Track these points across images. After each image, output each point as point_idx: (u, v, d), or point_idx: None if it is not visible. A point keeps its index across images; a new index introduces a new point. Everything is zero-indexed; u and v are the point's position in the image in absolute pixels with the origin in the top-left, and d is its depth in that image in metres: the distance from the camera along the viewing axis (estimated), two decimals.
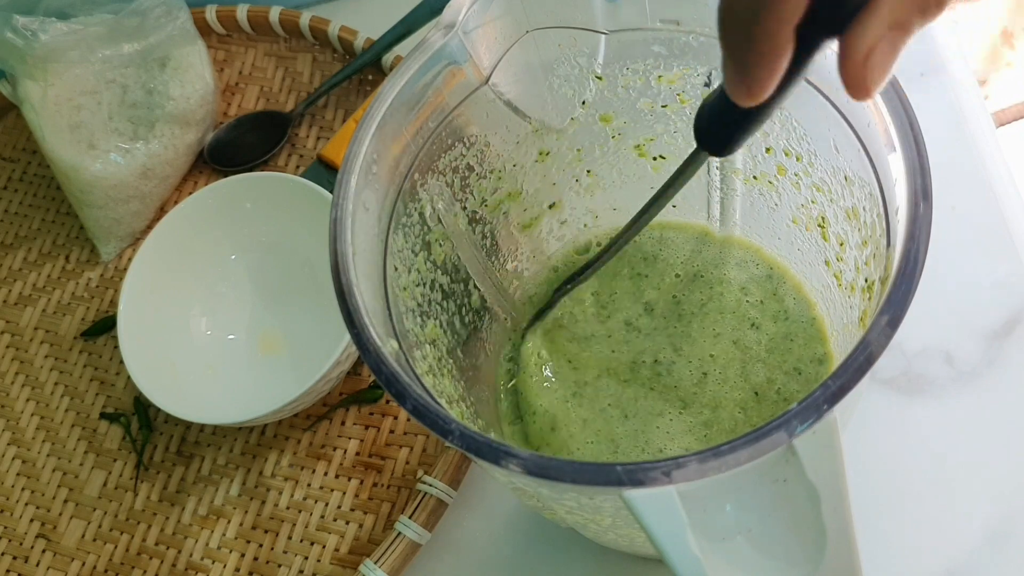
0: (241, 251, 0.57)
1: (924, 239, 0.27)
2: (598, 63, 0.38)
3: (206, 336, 0.56)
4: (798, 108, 0.35)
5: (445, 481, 0.48)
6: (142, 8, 0.58)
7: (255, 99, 0.65)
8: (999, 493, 0.45)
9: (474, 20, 0.34)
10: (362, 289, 0.31)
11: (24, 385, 0.59)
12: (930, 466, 0.46)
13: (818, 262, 0.40)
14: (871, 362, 0.26)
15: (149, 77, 0.59)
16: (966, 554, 0.44)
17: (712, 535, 0.26)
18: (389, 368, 0.29)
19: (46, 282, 0.62)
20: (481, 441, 0.27)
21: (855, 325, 0.35)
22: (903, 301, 0.26)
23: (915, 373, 0.48)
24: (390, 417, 0.53)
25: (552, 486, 0.28)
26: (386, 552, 0.47)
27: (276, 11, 0.64)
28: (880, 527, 0.45)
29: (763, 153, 0.39)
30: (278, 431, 0.54)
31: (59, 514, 0.55)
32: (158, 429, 0.55)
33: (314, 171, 0.60)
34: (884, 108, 0.29)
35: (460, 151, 0.38)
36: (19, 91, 0.59)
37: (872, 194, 0.32)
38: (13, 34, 0.56)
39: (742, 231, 0.44)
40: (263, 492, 0.53)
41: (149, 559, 0.52)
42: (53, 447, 0.57)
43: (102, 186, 0.58)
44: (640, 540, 0.36)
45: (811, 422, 0.25)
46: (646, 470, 0.25)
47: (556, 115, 0.40)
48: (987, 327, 0.49)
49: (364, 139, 0.33)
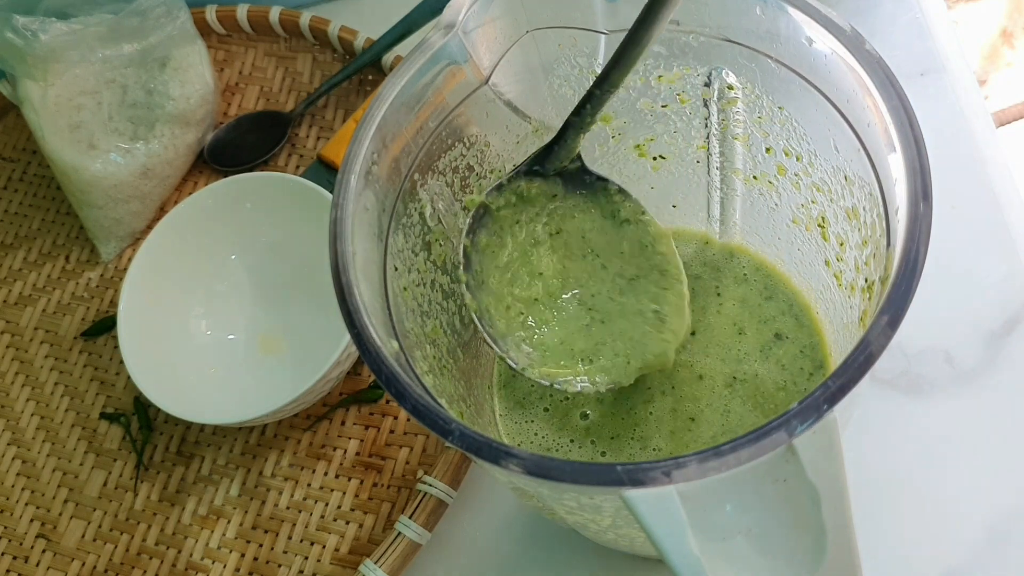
0: (241, 251, 0.57)
1: (924, 239, 0.27)
2: (598, 63, 0.38)
3: (206, 336, 0.56)
4: (798, 108, 0.35)
5: (445, 481, 0.48)
6: (142, 8, 0.58)
7: (255, 99, 0.65)
8: (999, 493, 0.45)
9: (474, 20, 0.34)
10: (362, 289, 0.31)
11: (24, 385, 0.59)
12: (930, 466, 0.46)
13: (818, 262, 0.40)
14: (871, 362, 0.26)
15: (149, 77, 0.59)
16: (966, 554, 0.44)
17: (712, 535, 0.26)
18: (389, 368, 0.29)
19: (46, 282, 0.62)
20: (481, 441, 0.27)
21: (855, 325, 0.35)
22: (903, 301, 0.26)
23: (915, 373, 0.48)
24: (390, 417, 0.53)
25: (552, 486, 0.27)
26: (386, 552, 0.47)
27: (276, 11, 0.64)
28: (880, 527, 0.45)
29: (763, 153, 0.39)
30: (278, 431, 0.54)
31: (59, 514, 0.55)
32: (158, 429, 0.56)
33: (314, 171, 0.60)
34: (884, 108, 0.29)
35: (460, 151, 0.38)
36: (19, 91, 0.59)
37: (872, 194, 0.32)
38: (13, 34, 0.56)
39: (742, 231, 0.44)
40: (263, 492, 0.53)
41: (149, 559, 0.52)
42: (53, 447, 0.57)
43: (102, 186, 0.58)
44: (640, 540, 0.36)
45: (811, 422, 0.25)
46: (646, 470, 0.25)
47: (556, 115, 0.40)
48: (987, 327, 0.49)
49: (364, 139, 0.33)
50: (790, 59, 0.33)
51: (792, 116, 0.36)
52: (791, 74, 0.33)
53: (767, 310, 0.42)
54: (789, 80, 0.34)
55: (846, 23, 0.31)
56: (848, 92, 0.31)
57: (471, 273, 0.38)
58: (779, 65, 0.34)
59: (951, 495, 0.45)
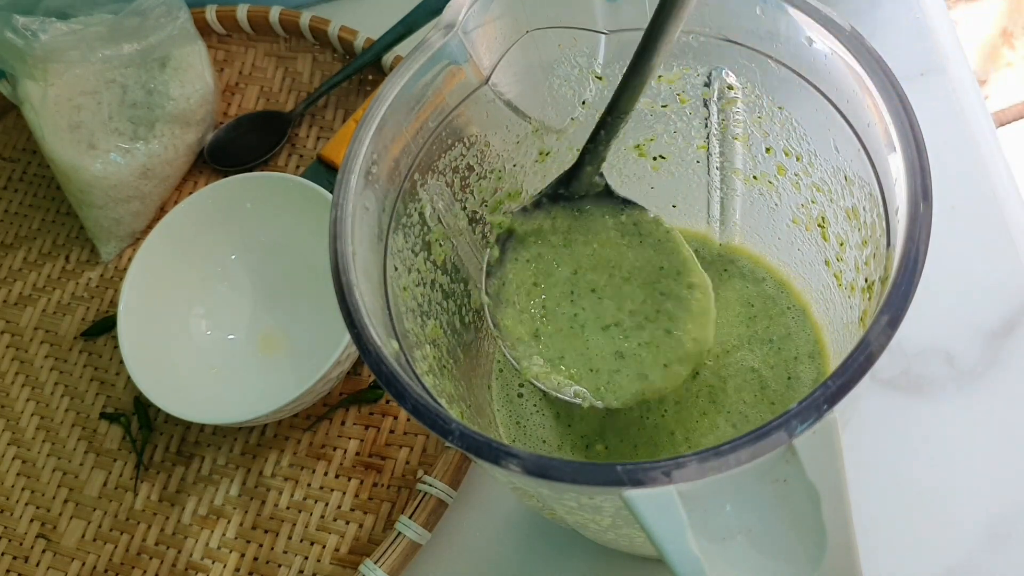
0: (241, 251, 0.57)
1: (924, 239, 0.27)
2: (598, 63, 0.38)
3: (206, 336, 0.56)
4: (798, 108, 0.35)
5: (445, 481, 0.48)
6: (142, 8, 0.58)
7: (255, 99, 0.65)
8: (999, 493, 0.45)
9: (474, 20, 0.34)
10: (362, 289, 0.31)
11: (24, 385, 0.59)
12: (930, 466, 0.46)
13: (818, 262, 0.40)
14: (871, 362, 0.26)
15: (149, 77, 0.59)
16: (966, 554, 0.44)
17: (712, 535, 0.26)
18: (389, 368, 0.29)
19: (46, 282, 0.62)
20: (481, 441, 0.27)
21: (855, 325, 0.35)
22: (903, 301, 0.26)
23: (915, 373, 0.48)
24: (390, 417, 0.53)
25: (552, 486, 0.27)
26: (386, 552, 0.47)
27: (276, 11, 0.64)
28: (880, 527, 0.45)
29: (763, 153, 0.39)
30: (278, 431, 0.54)
31: (59, 514, 0.55)
32: (158, 429, 0.56)
33: (314, 171, 0.60)
34: (884, 108, 0.29)
35: (460, 151, 0.38)
36: (19, 91, 0.59)
37: (872, 194, 0.32)
38: (13, 34, 0.56)
39: (742, 231, 0.44)
40: (263, 492, 0.53)
41: (149, 559, 0.52)
42: (53, 447, 0.57)
43: (102, 186, 0.58)
44: (640, 540, 0.36)
45: (811, 422, 0.25)
46: (646, 470, 0.25)
47: (556, 115, 0.40)
48: (987, 327, 0.49)
49: (364, 139, 0.33)
50: (790, 59, 0.33)
51: (792, 116, 0.36)
52: (791, 74, 0.33)
53: (767, 310, 0.42)
54: (789, 80, 0.34)
55: (846, 23, 0.31)
56: (848, 92, 0.31)
57: (492, 293, 0.39)
58: (779, 65, 0.34)
59: (951, 495, 0.45)
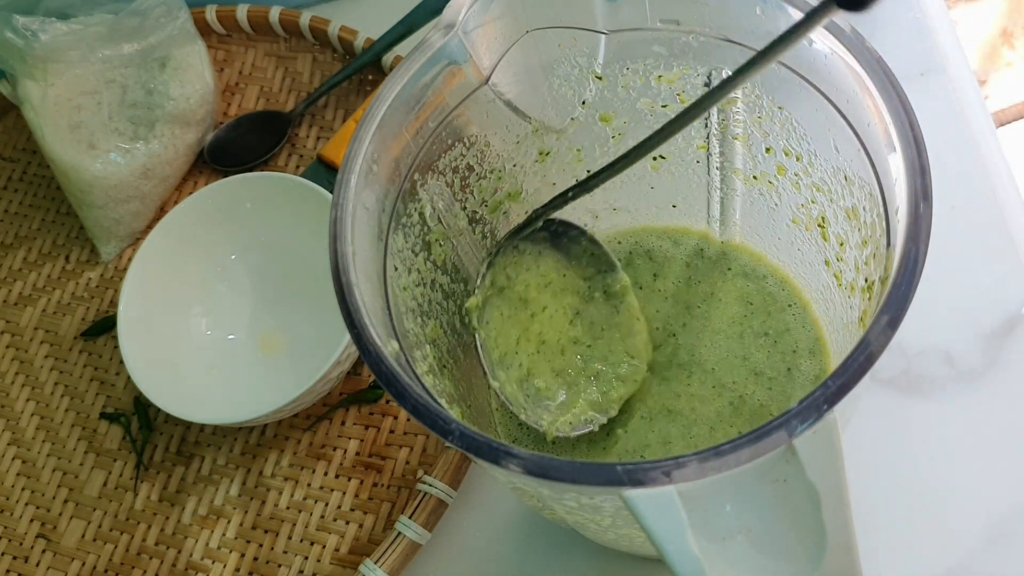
0: (241, 251, 0.57)
1: (924, 239, 0.27)
2: (598, 63, 0.38)
3: (206, 336, 0.56)
4: (798, 108, 0.35)
5: (445, 481, 0.48)
6: (142, 8, 0.58)
7: (255, 99, 0.65)
8: (999, 493, 0.45)
9: (474, 20, 0.34)
10: (362, 289, 0.31)
11: (24, 385, 0.59)
12: (930, 466, 0.46)
13: (818, 262, 0.40)
14: (871, 362, 0.26)
15: (149, 77, 0.59)
16: (966, 554, 0.44)
17: (712, 535, 0.26)
18: (389, 368, 0.29)
19: (46, 282, 0.62)
20: (481, 441, 0.27)
21: (855, 325, 0.35)
22: (903, 301, 0.26)
23: (915, 373, 0.48)
24: (390, 417, 0.53)
25: (552, 486, 0.28)
26: (386, 552, 0.47)
27: (276, 11, 0.64)
28: (880, 527, 0.45)
29: (763, 153, 0.39)
30: (278, 431, 0.54)
31: (59, 514, 0.55)
32: (158, 429, 0.56)
33: (314, 171, 0.60)
34: (884, 108, 0.29)
35: (460, 151, 0.38)
36: (19, 91, 0.59)
37: (872, 194, 0.32)
38: (13, 34, 0.56)
39: (742, 231, 0.44)
40: (263, 492, 0.53)
41: (149, 559, 0.52)
42: (53, 447, 0.57)
43: (102, 186, 0.58)
44: (640, 540, 0.36)
45: (811, 422, 0.25)
46: (646, 470, 0.25)
47: (556, 115, 0.40)
48: (987, 327, 0.49)
49: (364, 139, 0.33)
50: (790, 59, 0.33)
51: (792, 116, 0.36)
52: (791, 74, 0.33)
53: (767, 310, 0.42)
54: (789, 80, 0.34)
55: (846, 23, 0.31)
56: (848, 92, 0.31)
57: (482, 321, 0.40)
58: (779, 65, 0.34)
59: (951, 495, 0.45)
